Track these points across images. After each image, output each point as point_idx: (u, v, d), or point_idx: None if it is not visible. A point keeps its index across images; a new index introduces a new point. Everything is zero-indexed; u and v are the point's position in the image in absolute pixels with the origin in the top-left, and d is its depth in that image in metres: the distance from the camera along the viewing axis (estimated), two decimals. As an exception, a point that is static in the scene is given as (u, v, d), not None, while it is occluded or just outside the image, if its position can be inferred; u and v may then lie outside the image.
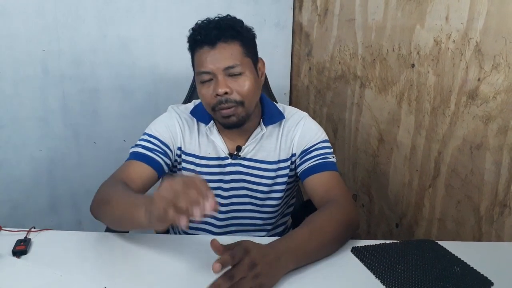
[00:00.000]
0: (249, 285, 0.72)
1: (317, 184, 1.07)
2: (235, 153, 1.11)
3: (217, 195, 1.13)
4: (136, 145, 1.08)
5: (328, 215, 0.94)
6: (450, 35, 1.29)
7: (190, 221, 0.67)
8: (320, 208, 1.00)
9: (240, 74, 1.00)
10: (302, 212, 1.44)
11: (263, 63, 1.10)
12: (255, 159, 1.12)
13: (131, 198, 0.87)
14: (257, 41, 1.10)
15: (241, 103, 1.01)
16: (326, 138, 1.15)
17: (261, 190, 1.14)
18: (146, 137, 1.09)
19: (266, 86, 1.46)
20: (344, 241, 0.94)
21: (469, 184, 1.28)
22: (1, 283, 0.74)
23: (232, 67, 0.99)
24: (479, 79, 1.21)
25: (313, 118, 2.04)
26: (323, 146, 1.12)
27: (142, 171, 1.03)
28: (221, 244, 0.73)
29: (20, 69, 1.70)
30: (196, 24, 1.05)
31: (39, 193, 1.84)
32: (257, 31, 1.09)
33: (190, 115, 1.13)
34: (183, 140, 1.11)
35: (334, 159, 1.12)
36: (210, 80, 1.01)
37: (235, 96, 1.00)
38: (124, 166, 1.05)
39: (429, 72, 1.38)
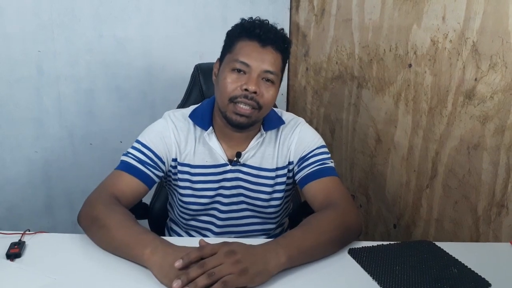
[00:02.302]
0: (228, 271, 0.73)
1: (316, 190, 1.06)
2: (235, 159, 1.09)
3: (217, 202, 1.12)
4: (128, 154, 1.06)
5: (324, 217, 0.93)
6: (447, 35, 1.29)
7: None
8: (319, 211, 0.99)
9: (272, 82, 1.03)
10: (299, 213, 1.44)
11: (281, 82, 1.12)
12: (254, 166, 1.11)
13: (133, 232, 0.86)
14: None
15: (260, 108, 1.02)
16: (323, 143, 1.14)
17: (261, 198, 1.13)
18: (139, 146, 1.06)
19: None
20: (343, 243, 0.94)
21: (466, 184, 1.28)
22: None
23: (271, 72, 1.01)
24: (476, 79, 1.21)
25: (310, 118, 2.06)
26: (320, 152, 1.11)
27: (133, 185, 1.02)
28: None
29: (15, 70, 1.69)
30: (251, 18, 1.06)
31: (35, 194, 1.82)
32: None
33: (187, 120, 1.11)
34: (179, 150, 1.09)
35: (332, 164, 1.11)
36: (241, 72, 1.01)
37: (259, 99, 1.01)
38: (114, 177, 1.03)
39: (426, 72, 1.38)
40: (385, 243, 0.97)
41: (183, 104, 1.40)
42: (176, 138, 1.09)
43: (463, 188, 1.29)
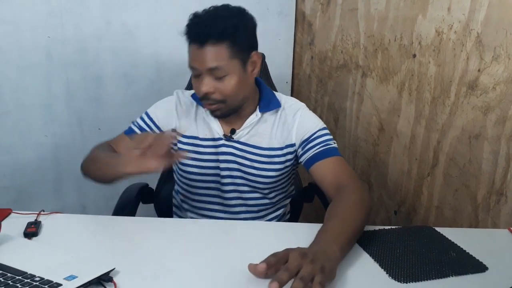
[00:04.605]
0: (309, 269, 0.71)
1: (325, 170, 1.10)
2: (229, 135, 1.15)
3: (217, 175, 1.18)
4: (134, 122, 1.19)
5: (351, 203, 0.97)
6: (452, 26, 1.30)
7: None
8: (336, 196, 1.02)
9: (224, 75, 1.02)
10: (301, 199, 1.48)
11: (259, 56, 1.09)
12: (248, 144, 1.16)
13: (116, 154, 1.06)
14: (260, 29, 1.09)
15: (223, 102, 1.05)
16: (325, 126, 1.18)
17: (253, 173, 1.17)
18: (144, 116, 1.19)
19: (266, 75, 1.47)
20: (367, 222, 0.98)
21: (466, 173, 1.31)
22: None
23: (216, 68, 1.00)
24: (479, 70, 1.23)
25: (315, 107, 2.08)
26: (323, 134, 1.15)
27: None
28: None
29: (25, 56, 1.71)
30: (193, 15, 1.04)
31: (45, 178, 1.86)
32: (259, 19, 1.10)
33: (191, 99, 1.19)
34: (179, 123, 1.17)
35: (335, 145, 1.15)
36: (199, 74, 1.04)
37: (217, 96, 1.04)
38: (117, 138, 1.19)
39: (430, 62, 1.40)
40: (386, 227, 1.01)
41: (188, 88, 1.43)
42: (178, 111, 1.18)
43: (463, 177, 1.32)
